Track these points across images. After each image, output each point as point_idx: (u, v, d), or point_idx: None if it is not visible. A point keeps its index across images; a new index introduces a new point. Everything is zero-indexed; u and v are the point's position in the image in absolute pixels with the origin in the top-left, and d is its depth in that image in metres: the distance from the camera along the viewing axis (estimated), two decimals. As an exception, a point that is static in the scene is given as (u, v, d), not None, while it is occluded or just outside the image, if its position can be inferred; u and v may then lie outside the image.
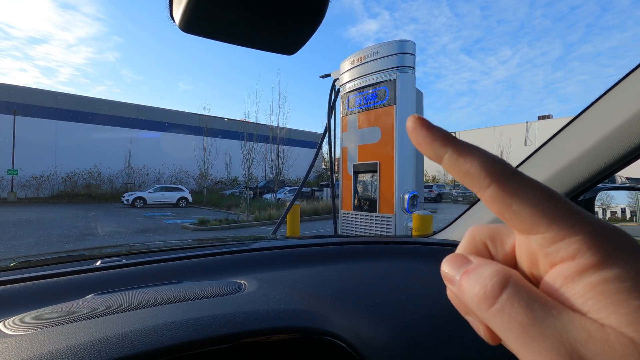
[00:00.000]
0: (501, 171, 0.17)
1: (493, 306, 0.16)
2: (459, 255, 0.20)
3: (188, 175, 26.66)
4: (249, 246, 0.99)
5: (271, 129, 21.14)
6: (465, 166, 0.18)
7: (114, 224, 11.79)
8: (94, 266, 0.72)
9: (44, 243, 8.15)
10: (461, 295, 0.18)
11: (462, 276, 0.18)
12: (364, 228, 4.61)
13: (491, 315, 0.16)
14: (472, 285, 0.17)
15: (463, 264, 0.19)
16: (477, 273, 0.17)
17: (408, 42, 4.27)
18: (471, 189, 0.18)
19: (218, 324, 0.45)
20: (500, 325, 0.16)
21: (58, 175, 22.77)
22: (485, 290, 0.16)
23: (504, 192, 0.17)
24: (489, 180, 0.17)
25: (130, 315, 0.46)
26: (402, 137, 4.19)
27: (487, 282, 0.17)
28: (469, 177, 0.18)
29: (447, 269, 0.19)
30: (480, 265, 0.18)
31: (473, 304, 0.17)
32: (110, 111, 25.11)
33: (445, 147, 0.18)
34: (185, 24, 0.41)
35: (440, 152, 0.18)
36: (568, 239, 0.15)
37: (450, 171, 0.19)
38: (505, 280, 0.16)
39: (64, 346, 0.38)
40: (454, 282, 0.19)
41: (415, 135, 0.19)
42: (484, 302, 0.16)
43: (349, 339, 0.53)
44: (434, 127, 0.19)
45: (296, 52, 0.49)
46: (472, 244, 0.21)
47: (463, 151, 0.18)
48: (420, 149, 0.19)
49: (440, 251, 0.98)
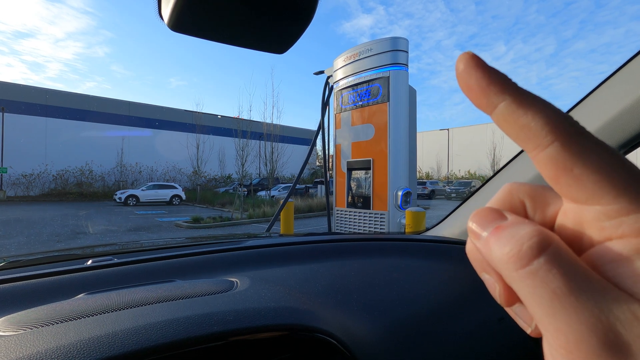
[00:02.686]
0: (568, 128, 0.15)
1: (525, 267, 0.14)
2: (492, 210, 0.17)
3: (181, 172, 26.48)
4: (242, 244, 0.99)
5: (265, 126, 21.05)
6: (524, 119, 0.15)
7: (107, 223, 11.68)
8: (85, 265, 0.72)
9: (34, 242, 8.04)
10: (487, 251, 0.16)
11: (492, 231, 0.16)
12: (357, 225, 4.62)
13: (520, 276, 0.15)
14: (504, 243, 0.15)
15: (495, 219, 0.17)
16: (513, 231, 0.16)
17: (401, 39, 4.27)
18: (525, 147, 0.16)
19: (208, 322, 0.45)
20: (529, 289, 0.14)
21: (49, 173, 22.47)
22: (519, 250, 0.15)
23: (568, 153, 0.15)
24: (552, 137, 0.15)
25: (121, 314, 0.46)
26: (395, 134, 4.21)
27: (524, 242, 0.15)
28: (526, 132, 0.16)
29: (476, 221, 0.17)
30: (518, 223, 0.16)
31: (500, 261, 0.15)
32: (101, 108, 24.83)
33: (503, 93, 0.16)
34: (174, 23, 0.40)
35: (496, 99, 0.16)
36: (635, 215, 0.14)
37: (502, 124, 0.16)
38: (546, 244, 0.15)
39: (54, 346, 0.38)
40: (480, 237, 0.17)
41: (467, 77, 0.17)
42: (515, 262, 0.15)
43: (340, 336, 0.54)
44: (491, 68, 0.17)
45: (286, 51, 0.49)
46: (509, 200, 0.19)
47: (524, 100, 0.16)
48: (470, 95, 0.17)
49: (431, 248, 0.99)
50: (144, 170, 25.92)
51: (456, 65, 0.17)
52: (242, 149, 17.56)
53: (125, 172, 25.17)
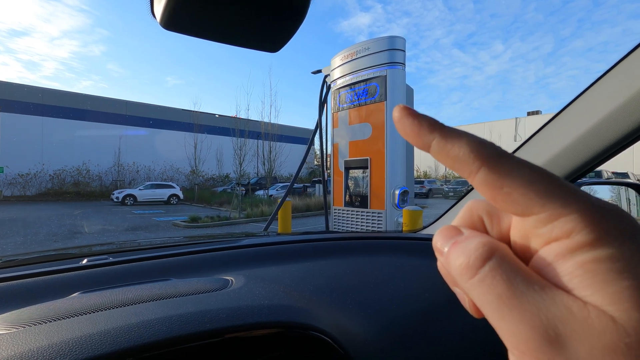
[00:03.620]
0: (491, 153, 0.17)
1: (474, 277, 0.16)
2: (451, 227, 0.20)
3: (179, 172, 26.36)
4: (239, 243, 0.99)
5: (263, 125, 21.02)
6: (453, 151, 0.17)
7: (104, 222, 11.63)
8: (80, 264, 0.72)
9: (31, 242, 8.01)
10: (447, 265, 0.18)
11: (450, 247, 0.18)
12: (355, 224, 4.63)
13: (472, 285, 0.16)
14: (458, 255, 0.17)
15: (454, 236, 0.19)
16: (465, 244, 0.17)
17: (398, 38, 4.28)
18: (462, 175, 0.18)
19: (202, 320, 0.45)
20: (480, 296, 0.16)
21: (45, 173, 22.33)
22: (468, 261, 0.16)
23: (494, 174, 0.16)
24: (479, 164, 0.17)
25: (114, 312, 0.46)
26: (392, 133, 4.21)
27: (471, 253, 0.16)
28: (459, 163, 0.17)
29: (438, 240, 0.19)
30: (470, 237, 0.18)
31: (457, 274, 0.17)
32: (98, 107, 24.68)
33: (432, 133, 0.18)
34: (166, 21, 0.40)
35: (428, 138, 0.18)
36: (563, 218, 0.15)
37: (439, 158, 0.18)
38: (490, 252, 0.16)
39: (46, 344, 0.38)
40: (443, 253, 0.18)
41: (402, 125, 0.19)
42: (466, 273, 0.16)
43: (335, 334, 0.54)
44: (420, 115, 0.19)
45: (280, 49, 0.49)
46: (469, 217, 0.21)
47: (450, 136, 0.18)
48: (408, 139, 0.19)
49: (427, 246, 1.00)
50: (142, 170, 25.79)
51: (393, 116, 0.19)
52: (240, 148, 17.53)
53: (122, 171, 25.05)
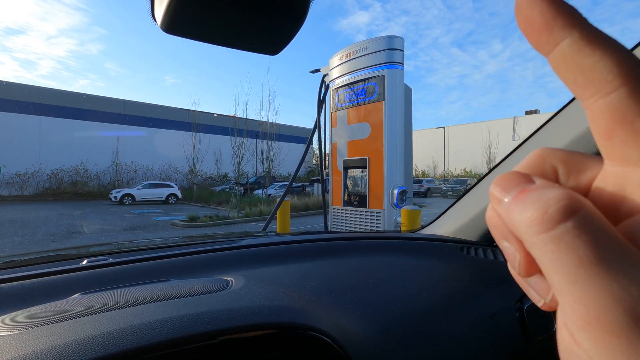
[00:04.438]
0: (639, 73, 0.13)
1: (550, 231, 0.13)
2: (518, 174, 0.16)
3: (177, 171, 26.32)
4: (238, 243, 0.99)
5: (261, 124, 20.99)
6: (590, 59, 0.13)
7: (102, 222, 11.61)
8: (80, 265, 0.72)
9: (29, 242, 7.99)
10: (509, 215, 0.15)
11: (516, 194, 0.15)
12: (354, 223, 4.64)
13: (543, 240, 0.13)
14: (528, 205, 0.14)
15: (521, 183, 0.15)
16: (539, 193, 0.14)
17: (397, 38, 4.28)
18: (581, 94, 0.14)
19: (202, 321, 0.45)
20: (551, 254, 0.13)
21: (43, 173, 22.25)
22: (545, 212, 0.13)
23: (633, 102, 0.13)
24: (619, 82, 0.13)
25: (116, 314, 0.47)
26: (391, 133, 4.22)
27: (550, 204, 0.13)
28: (589, 76, 0.14)
29: (498, 186, 0.16)
30: (546, 187, 0.14)
31: (522, 224, 0.14)
32: (96, 107, 24.60)
33: (571, 28, 0.14)
34: (167, 25, 0.41)
35: (561, 35, 0.14)
36: None
37: (560, 65, 0.14)
38: (576, 208, 0.13)
39: (49, 346, 0.38)
40: (502, 202, 0.15)
41: (529, 8, 0.14)
42: (538, 225, 0.13)
43: (334, 334, 0.54)
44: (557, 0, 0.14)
45: (279, 52, 0.49)
46: (539, 165, 0.17)
47: (595, 38, 0.14)
48: (528, 29, 0.15)
49: (426, 246, 1.00)
50: (140, 169, 25.73)
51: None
52: (238, 148, 17.53)
53: (120, 171, 25.00)
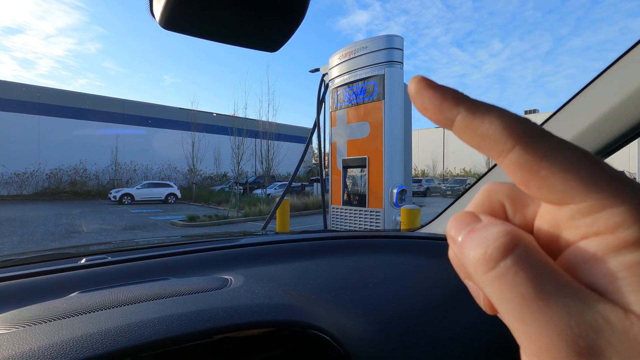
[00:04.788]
0: (527, 130, 0.14)
1: (492, 270, 0.14)
2: (468, 214, 0.17)
3: (177, 171, 26.29)
4: (237, 242, 0.99)
5: (261, 124, 21.00)
6: (482, 127, 0.15)
7: (101, 221, 11.60)
8: (79, 264, 0.72)
9: (28, 241, 7.98)
10: (461, 256, 0.16)
11: (465, 235, 0.16)
12: (353, 223, 4.64)
13: (488, 280, 0.14)
14: (474, 245, 0.15)
15: (470, 223, 0.16)
16: (483, 232, 0.15)
17: (396, 37, 4.28)
18: (490, 156, 0.15)
19: (201, 319, 0.45)
20: (497, 293, 0.14)
21: (42, 172, 22.21)
22: (485, 252, 0.14)
23: (530, 156, 0.14)
24: (512, 142, 0.14)
25: (114, 312, 0.46)
26: (390, 132, 4.22)
27: (490, 243, 0.14)
28: (488, 141, 0.15)
29: (452, 227, 0.17)
30: (489, 224, 0.15)
31: (471, 266, 0.15)
32: (95, 106, 24.57)
33: (457, 107, 0.15)
34: (165, 21, 0.40)
35: (452, 113, 0.16)
36: (610, 210, 0.13)
37: (463, 136, 0.16)
38: (513, 244, 0.14)
39: (47, 343, 0.38)
40: (457, 242, 0.16)
41: (420, 99, 0.16)
42: (482, 265, 0.14)
43: (334, 332, 0.54)
44: (441, 86, 0.16)
45: (279, 49, 0.49)
46: (487, 202, 0.18)
47: (479, 110, 0.15)
48: (427, 115, 0.17)
49: (425, 245, 1.00)
50: (139, 169, 25.70)
51: (408, 90, 0.17)
52: (237, 147, 17.53)
53: (120, 170, 24.97)
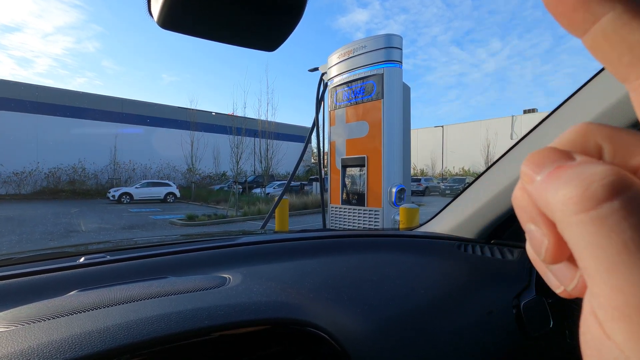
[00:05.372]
0: None
1: (590, 211, 0.12)
2: (554, 150, 0.14)
3: (176, 170, 26.25)
4: (236, 241, 0.99)
5: (260, 123, 20.97)
6: (637, 35, 0.12)
7: (100, 221, 11.58)
8: (77, 263, 0.72)
9: (27, 241, 7.96)
10: (541, 193, 0.13)
11: (553, 171, 0.13)
12: (352, 222, 4.64)
13: (582, 221, 0.12)
14: (566, 182, 0.12)
15: (558, 159, 0.13)
16: (580, 169, 0.13)
17: (395, 36, 4.28)
18: (624, 74, 0.13)
19: (199, 317, 0.45)
20: (590, 237, 0.12)
21: (40, 171, 22.17)
22: (586, 189, 0.12)
23: None
24: None
25: (113, 310, 0.47)
26: (389, 131, 4.23)
27: (593, 180, 0.12)
28: (635, 54, 0.12)
29: (531, 162, 0.14)
30: (588, 163, 0.13)
31: (558, 203, 0.12)
32: (94, 105, 24.51)
33: (612, 2, 0.12)
34: (163, 21, 0.41)
35: (601, 9, 0.12)
36: None
37: (601, 43, 0.13)
38: (624, 186, 0.12)
39: (45, 341, 0.38)
40: (534, 180, 0.14)
41: None
42: (577, 204, 0.12)
43: (332, 331, 0.55)
44: None
45: (277, 48, 0.49)
46: (581, 142, 0.14)
47: (637, 11, 0.12)
48: (559, 8, 0.13)
49: (424, 244, 1.01)
50: (138, 168, 25.67)
51: None
52: (236, 147, 17.50)
53: (118, 169, 24.93)
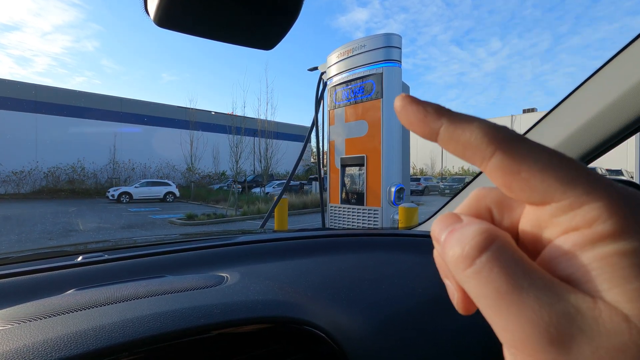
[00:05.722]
0: (505, 136, 0.15)
1: (469, 268, 0.15)
2: (451, 215, 0.18)
3: (175, 169, 26.21)
4: (235, 240, 0.99)
5: (259, 122, 20.97)
6: (464, 137, 0.16)
7: (99, 220, 11.57)
8: (76, 262, 0.72)
9: (26, 240, 7.96)
10: (443, 254, 0.16)
11: (447, 235, 0.17)
12: (351, 221, 4.64)
13: (467, 277, 0.15)
14: (454, 244, 0.16)
15: (452, 223, 0.17)
16: (462, 231, 0.16)
17: (394, 35, 4.28)
18: (473, 163, 0.16)
19: (196, 315, 0.45)
20: (475, 289, 0.15)
21: (40, 171, 22.11)
22: (463, 250, 0.15)
23: (510, 159, 0.15)
24: (493, 148, 0.15)
25: (109, 308, 0.47)
26: (389, 131, 4.22)
27: (467, 241, 0.15)
28: (470, 149, 0.16)
29: (436, 227, 0.18)
30: (468, 224, 0.16)
31: (451, 264, 0.16)
32: (93, 104, 24.45)
33: (439, 119, 0.17)
34: (160, 19, 0.41)
35: (435, 125, 0.17)
36: (586, 206, 0.14)
37: (448, 146, 0.17)
38: (489, 241, 0.15)
39: (41, 339, 0.38)
40: (440, 242, 0.17)
41: (405, 114, 0.18)
42: (461, 263, 0.15)
43: (330, 329, 0.55)
44: (424, 101, 0.17)
45: (274, 47, 0.49)
46: (475, 206, 0.19)
47: (459, 121, 0.16)
48: (412, 129, 0.18)
49: (422, 243, 1.01)
50: (137, 167, 25.61)
51: (395, 107, 0.18)
52: (236, 146, 17.49)
53: (118, 169, 24.87)
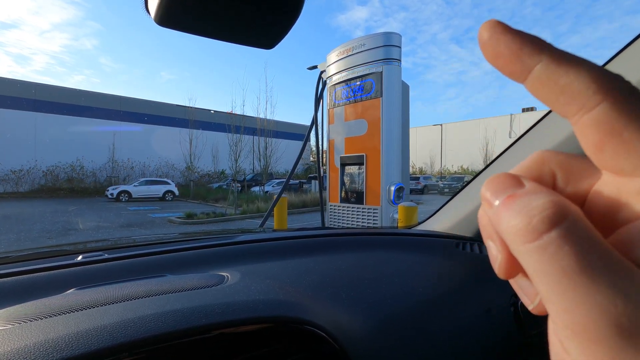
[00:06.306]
0: (619, 87, 0.13)
1: (534, 242, 0.13)
2: (509, 176, 0.15)
3: (174, 168, 26.19)
4: (235, 239, 0.99)
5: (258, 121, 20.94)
6: (566, 78, 0.14)
7: (98, 219, 11.56)
8: (75, 261, 0.72)
9: (25, 239, 7.95)
10: (496, 220, 0.14)
11: (504, 200, 0.14)
12: (350, 220, 4.64)
13: (528, 250, 0.13)
14: (514, 214, 0.14)
15: (511, 187, 0.15)
16: (525, 200, 0.14)
17: (394, 34, 4.28)
18: (564, 113, 0.14)
19: (197, 315, 0.45)
20: (536, 264, 0.13)
21: (38, 169, 22.08)
22: (529, 223, 0.13)
23: (618, 114, 0.13)
24: (600, 97, 0.13)
25: (110, 308, 0.46)
26: (388, 130, 4.22)
27: (536, 213, 0.13)
28: (569, 94, 0.14)
29: (489, 189, 0.15)
30: (533, 192, 0.14)
31: (508, 234, 0.14)
32: (92, 103, 24.40)
33: (539, 53, 0.14)
34: (160, 18, 0.40)
35: (532, 61, 0.14)
36: None
37: (539, 89, 0.14)
38: (561, 216, 0.13)
39: (42, 339, 0.38)
40: (492, 205, 0.15)
41: (493, 46, 0.15)
42: (524, 235, 0.13)
43: (330, 329, 0.55)
44: (520, 31, 0.15)
45: (275, 46, 0.49)
46: (537, 169, 0.16)
47: (565, 59, 0.14)
48: (498, 63, 0.15)
49: (422, 242, 1.01)
50: (136, 166, 25.59)
51: (479, 35, 0.15)
52: (235, 145, 17.47)
53: (117, 167, 24.85)
